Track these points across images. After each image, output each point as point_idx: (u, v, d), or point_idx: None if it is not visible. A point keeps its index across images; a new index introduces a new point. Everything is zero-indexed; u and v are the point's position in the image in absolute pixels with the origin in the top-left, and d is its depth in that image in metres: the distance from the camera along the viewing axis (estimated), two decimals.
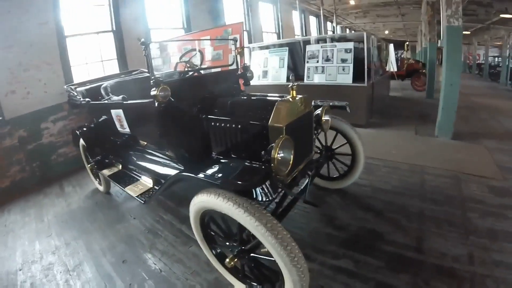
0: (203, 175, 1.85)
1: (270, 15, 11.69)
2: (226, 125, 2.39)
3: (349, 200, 3.25)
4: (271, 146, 1.81)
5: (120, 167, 3.54)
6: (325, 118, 2.73)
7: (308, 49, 6.35)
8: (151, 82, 2.24)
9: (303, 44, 6.63)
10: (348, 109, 3.01)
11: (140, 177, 3.19)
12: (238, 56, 3.30)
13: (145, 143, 3.17)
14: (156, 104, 2.29)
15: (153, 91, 2.22)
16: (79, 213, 3.65)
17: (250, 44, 8.21)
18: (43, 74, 4.78)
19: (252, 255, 1.89)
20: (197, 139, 2.59)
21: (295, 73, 6.40)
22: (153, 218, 3.32)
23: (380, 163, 4.10)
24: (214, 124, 2.47)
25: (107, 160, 3.66)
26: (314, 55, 6.22)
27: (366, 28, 19.23)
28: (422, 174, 3.71)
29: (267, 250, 1.64)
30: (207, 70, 3.63)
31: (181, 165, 2.71)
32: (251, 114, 2.28)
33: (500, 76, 14.33)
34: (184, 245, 2.78)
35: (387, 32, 22.24)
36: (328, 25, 17.63)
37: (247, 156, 2.14)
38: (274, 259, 1.64)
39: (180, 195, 3.55)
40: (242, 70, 3.27)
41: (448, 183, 3.44)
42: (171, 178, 2.21)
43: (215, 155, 2.56)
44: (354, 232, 2.71)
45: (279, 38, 11.61)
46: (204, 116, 2.54)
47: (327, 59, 6.00)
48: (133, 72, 4.98)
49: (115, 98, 3.14)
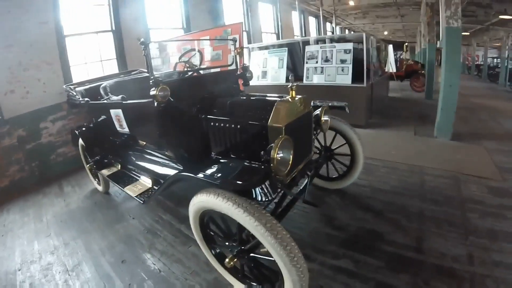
0: (202, 175, 1.84)
1: (270, 16, 11.69)
2: (225, 125, 2.38)
3: (348, 200, 3.25)
4: (271, 146, 1.81)
5: (119, 167, 3.53)
6: (324, 119, 2.73)
7: (308, 49, 6.36)
8: (151, 82, 2.24)
9: (303, 44, 6.64)
10: (347, 109, 3.02)
11: (139, 177, 3.19)
12: (238, 56, 3.30)
13: (144, 143, 3.16)
14: (156, 104, 2.29)
15: (152, 91, 2.22)
16: (78, 213, 3.64)
17: (249, 45, 8.22)
18: (43, 73, 4.78)
19: (252, 255, 1.88)
20: (196, 139, 2.59)
21: (294, 73, 6.36)
22: (152, 218, 3.31)
23: (380, 164, 4.10)
24: (214, 124, 2.47)
25: (106, 160, 3.65)
26: (313, 56, 6.22)
27: (366, 29, 19.26)
28: (421, 174, 3.71)
29: (266, 250, 1.64)
30: (207, 70, 3.63)
31: (180, 165, 2.71)
32: (250, 114, 2.28)
33: (499, 77, 14.38)
34: (183, 245, 2.77)
35: (386, 33, 22.28)
36: (327, 25, 17.66)
37: (246, 156, 2.13)
38: (274, 259, 1.63)
39: (179, 195, 3.54)
40: (241, 70, 3.27)
41: (447, 183, 3.45)
42: (171, 178, 2.21)
43: (214, 155, 2.55)
44: (354, 232, 2.70)
45: (279, 38, 11.61)
46: (203, 116, 2.54)
47: (327, 60, 6.01)
48: (132, 72, 4.98)
49: (115, 98, 3.13)
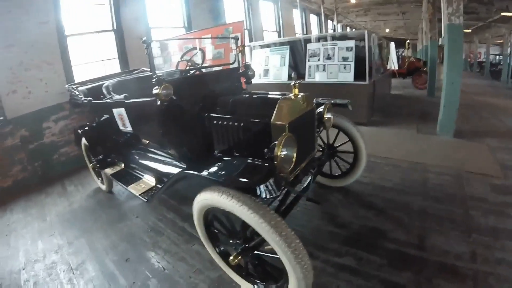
0: (206, 173, 1.84)
1: (271, 14, 11.67)
2: (228, 123, 2.38)
3: (351, 198, 3.25)
4: (274, 144, 1.80)
5: (123, 166, 3.54)
6: (327, 116, 2.72)
7: (309, 47, 6.34)
8: (153, 80, 2.25)
9: (304, 42, 6.62)
10: (350, 106, 3.01)
11: (143, 175, 3.19)
12: (240, 55, 3.30)
13: (147, 141, 3.17)
14: (159, 102, 2.29)
15: (155, 90, 2.22)
16: (81, 212, 3.65)
17: (251, 43, 8.21)
18: (44, 73, 4.79)
19: (256, 252, 1.89)
20: (199, 137, 2.60)
21: (296, 71, 6.39)
22: (155, 216, 3.32)
23: (382, 161, 4.10)
24: (216, 122, 2.46)
25: (109, 159, 3.66)
26: (315, 54, 6.21)
27: (367, 26, 19.22)
28: (424, 172, 3.71)
29: (271, 247, 1.65)
30: (209, 69, 3.63)
31: (183, 163, 2.71)
32: (253, 112, 2.28)
33: (501, 74, 14.32)
34: (187, 243, 2.78)
35: (388, 31, 22.19)
36: (329, 23, 17.61)
37: (249, 154, 2.13)
38: (278, 257, 1.64)
39: (183, 194, 3.55)
40: (243, 69, 3.27)
41: (450, 181, 3.44)
42: (174, 176, 2.22)
43: (218, 153, 2.55)
44: (356, 230, 2.71)
45: (280, 36, 11.59)
46: (206, 115, 2.55)
47: (328, 58, 5.99)
48: (134, 71, 4.98)
49: (117, 97, 3.14)
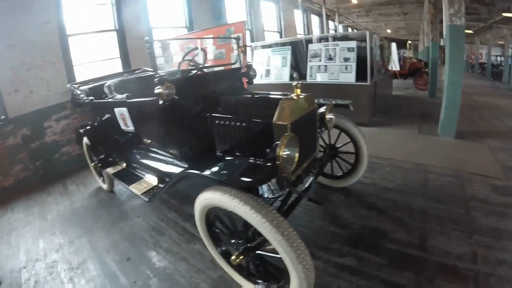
0: (208, 172, 1.85)
1: (272, 14, 11.67)
2: (230, 123, 2.39)
3: (352, 198, 3.25)
4: (276, 144, 1.81)
5: (124, 165, 3.54)
6: (328, 117, 2.72)
7: (311, 48, 6.35)
8: (156, 80, 2.25)
9: (305, 43, 6.62)
10: (352, 107, 3.02)
11: (144, 175, 3.19)
12: (241, 55, 3.31)
13: (149, 141, 3.17)
14: (161, 102, 2.30)
15: (157, 89, 2.22)
16: (82, 211, 3.66)
17: (252, 43, 8.21)
18: (46, 73, 4.80)
19: (258, 252, 1.88)
20: (201, 137, 2.60)
21: (298, 72, 6.40)
22: (157, 216, 3.32)
23: (383, 162, 4.10)
24: (218, 122, 2.47)
25: (111, 159, 3.66)
26: (316, 54, 6.21)
27: (369, 27, 19.21)
28: (425, 173, 3.71)
29: (272, 247, 1.65)
30: (211, 69, 3.64)
31: (185, 163, 2.72)
32: (255, 112, 2.28)
33: (502, 75, 14.32)
34: (188, 243, 2.78)
35: (389, 31, 22.19)
36: (330, 24, 17.62)
37: (251, 154, 2.13)
38: (280, 257, 1.64)
39: (184, 193, 3.56)
40: (245, 69, 3.28)
41: (451, 182, 3.44)
42: (176, 176, 2.22)
43: (219, 153, 2.55)
44: (358, 230, 2.71)
45: (281, 37, 11.59)
46: (208, 114, 2.55)
47: (330, 58, 5.99)
48: (135, 71, 4.99)
49: (119, 96, 3.14)
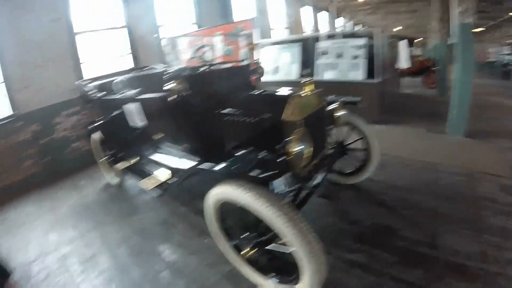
0: (220, 167, 1.86)
1: (279, 12, 11.63)
2: (240, 119, 2.40)
3: (362, 195, 3.25)
4: (288, 140, 1.82)
5: (135, 160, 3.56)
6: (338, 114, 2.73)
7: (319, 45, 6.32)
8: (167, 76, 2.27)
9: (313, 40, 6.59)
10: (361, 104, 3.01)
11: (155, 170, 3.21)
12: (250, 52, 3.32)
13: (159, 137, 3.20)
14: (172, 98, 2.32)
15: (169, 85, 2.25)
16: (93, 205, 3.71)
17: (260, 40, 8.19)
18: (55, 70, 4.84)
19: (270, 246, 1.90)
20: (212, 132, 2.61)
21: (305, 69, 6.39)
22: (167, 210, 3.36)
23: (392, 160, 4.07)
24: (229, 118, 2.48)
25: (121, 154, 3.68)
26: (324, 52, 6.18)
27: (377, 25, 19.10)
28: (434, 171, 3.69)
29: (284, 241, 1.66)
30: (220, 66, 3.65)
31: (196, 158, 2.74)
32: (265, 108, 2.30)
33: (511, 75, 14.12)
34: (199, 237, 2.80)
35: (398, 29, 22.06)
36: (338, 21, 17.52)
37: (263, 150, 2.15)
38: (291, 251, 1.65)
39: (194, 189, 3.54)
40: (254, 66, 3.29)
41: (460, 181, 3.42)
42: (187, 170, 2.24)
43: (231, 148, 2.57)
44: (368, 227, 2.71)
45: (289, 34, 11.55)
46: (218, 111, 2.56)
47: (338, 56, 5.96)
48: (144, 69, 5.03)
49: (131, 92, 3.17)
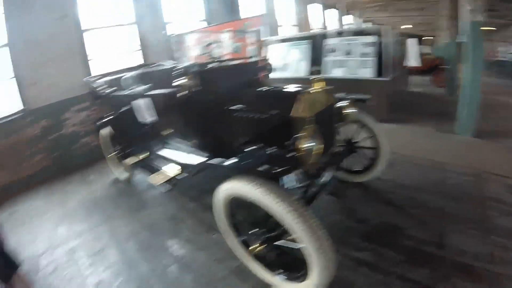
0: (229, 162, 1.88)
1: (287, 8, 11.56)
2: (250, 115, 2.40)
3: (369, 194, 3.24)
4: (297, 136, 1.83)
5: (144, 156, 3.58)
6: (347, 111, 2.73)
7: (327, 42, 6.28)
8: (176, 72, 2.29)
9: (321, 37, 6.56)
10: (370, 102, 2.99)
11: (164, 166, 3.22)
12: (259, 49, 3.32)
13: (169, 132, 3.22)
14: (182, 94, 2.34)
15: (179, 81, 2.26)
16: (102, 200, 3.74)
17: (268, 37, 8.17)
18: (63, 66, 4.87)
19: (278, 242, 1.91)
20: (221, 128, 2.62)
21: (314, 66, 6.37)
22: (176, 206, 3.37)
23: (401, 159, 4.03)
24: (238, 114, 2.49)
25: (130, 149, 3.70)
26: (333, 49, 6.15)
27: (386, 22, 18.89)
28: (442, 171, 3.66)
29: (293, 238, 1.67)
30: (228, 62, 3.66)
31: (205, 153, 2.74)
32: (274, 105, 2.30)
33: None
34: (207, 233, 2.81)
35: (407, 26, 21.79)
36: (346, 18, 17.37)
37: (272, 146, 2.16)
38: (300, 247, 1.66)
39: (203, 184, 3.55)
40: (262, 63, 3.29)
41: (468, 181, 3.39)
42: (197, 166, 2.26)
43: (241, 144, 2.58)
44: (375, 225, 2.71)
45: (296, 31, 11.49)
46: (227, 107, 2.57)
47: (347, 53, 5.92)
48: (151, 65, 5.04)
49: (140, 88, 3.19)
